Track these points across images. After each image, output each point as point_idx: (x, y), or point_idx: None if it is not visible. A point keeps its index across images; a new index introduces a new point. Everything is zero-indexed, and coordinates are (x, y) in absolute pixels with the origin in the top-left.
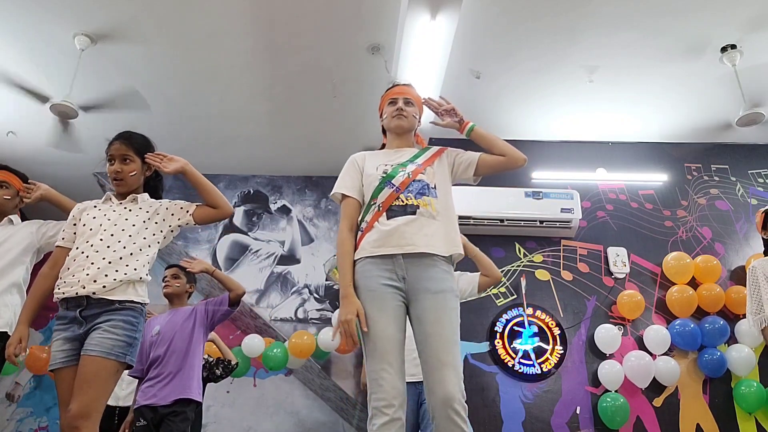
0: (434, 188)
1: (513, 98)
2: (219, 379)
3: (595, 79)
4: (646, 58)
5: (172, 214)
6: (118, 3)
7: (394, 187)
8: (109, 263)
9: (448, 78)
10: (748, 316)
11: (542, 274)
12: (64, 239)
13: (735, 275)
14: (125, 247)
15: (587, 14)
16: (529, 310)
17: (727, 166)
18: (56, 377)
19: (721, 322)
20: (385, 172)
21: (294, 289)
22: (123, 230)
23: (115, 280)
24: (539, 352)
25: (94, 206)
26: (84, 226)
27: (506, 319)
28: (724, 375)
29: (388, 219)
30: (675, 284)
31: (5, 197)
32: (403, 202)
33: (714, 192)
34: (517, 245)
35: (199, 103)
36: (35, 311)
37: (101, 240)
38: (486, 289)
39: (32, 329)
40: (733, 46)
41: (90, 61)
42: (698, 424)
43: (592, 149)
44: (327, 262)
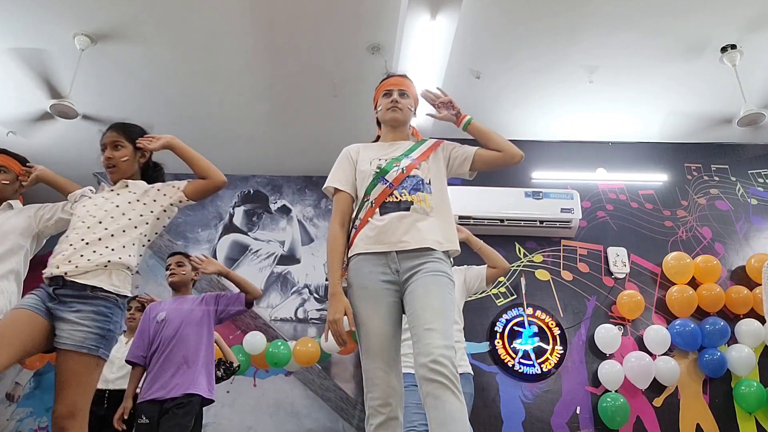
0: (428, 184)
1: (513, 98)
2: (219, 380)
3: (595, 79)
4: (646, 58)
5: (164, 194)
6: (118, 3)
7: (388, 183)
8: (87, 243)
9: (448, 78)
10: (767, 316)
11: (542, 274)
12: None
13: (735, 275)
14: (107, 228)
15: (587, 14)
16: (529, 310)
17: (727, 166)
18: (13, 312)
19: (722, 324)
20: (378, 167)
21: (294, 289)
22: (106, 211)
23: (90, 261)
24: (539, 352)
25: (89, 197)
26: (77, 218)
27: (506, 319)
28: (724, 375)
29: (381, 215)
30: (675, 284)
31: (3, 182)
32: (396, 198)
33: (714, 192)
34: (517, 245)
35: (199, 103)
36: None
37: (83, 222)
38: (494, 281)
39: None
40: (733, 46)
41: (90, 61)
42: (698, 424)
43: (592, 149)
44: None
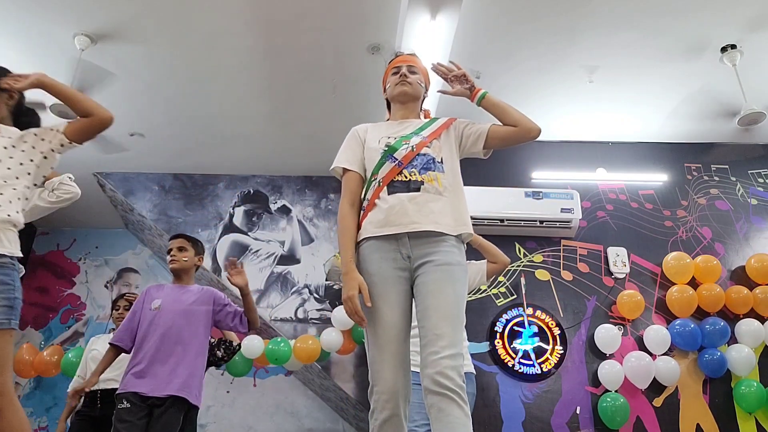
0: (441, 162)
1: (513, 98)
2: (221, 361)
3: (595, 79)
4: (646, 58)
5: (42, 139)
6: (118, 3)
7: (396, 161)
8: None
9: None
10: None
11: (542, 274)
12: None
13: (735, 275)
14: None
15: (587, 14)
16: (529, 310)
17: (727, 166)
18: None
19: (722, 324)
20: (387, 145)
21: (294, 289)
22: None
23: None
24: (539, 352)
25: None
26: None
27: (506, 319)
28: (724, 375)
29: (389, 194)
30: (675, 284)
31: None
32: (406, 177)
33: (714, 192)
34: (517, 245)
35: (199, 103)
36: None
37: None
38: (494, 276)
39: (32, 329)
40: (733, 46)
41: (90, 61)
42: (698, 424)
43: (592, 149)
44: (327, 262)
